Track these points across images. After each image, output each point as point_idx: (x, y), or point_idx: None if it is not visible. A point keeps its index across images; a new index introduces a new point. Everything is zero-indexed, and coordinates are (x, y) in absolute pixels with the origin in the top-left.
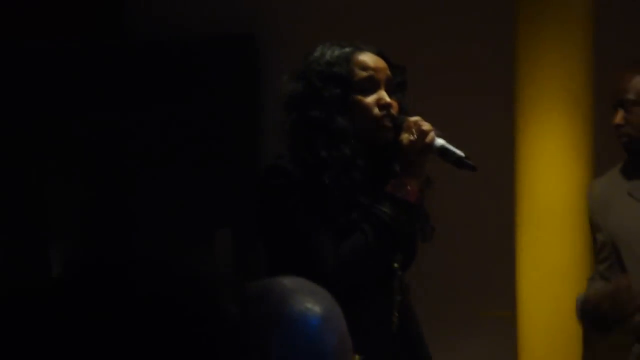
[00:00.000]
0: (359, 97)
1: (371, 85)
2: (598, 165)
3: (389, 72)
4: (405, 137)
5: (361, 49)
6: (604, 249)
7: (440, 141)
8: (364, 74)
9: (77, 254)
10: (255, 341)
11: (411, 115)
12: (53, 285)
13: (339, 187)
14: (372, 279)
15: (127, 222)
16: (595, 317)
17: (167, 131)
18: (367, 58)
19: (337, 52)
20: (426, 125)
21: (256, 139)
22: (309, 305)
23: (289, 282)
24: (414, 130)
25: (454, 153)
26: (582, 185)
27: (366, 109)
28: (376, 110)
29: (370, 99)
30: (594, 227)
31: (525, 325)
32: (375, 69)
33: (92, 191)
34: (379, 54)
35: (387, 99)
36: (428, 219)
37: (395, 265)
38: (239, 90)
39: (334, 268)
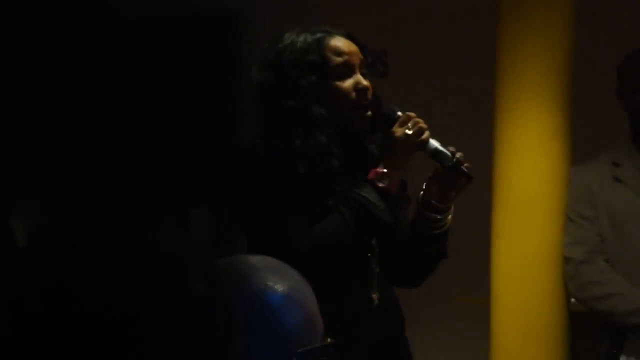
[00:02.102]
0: (336, 83)
1: (347, 71)
2: (576, 152)
3: (361, 56)
4: (400, 130)
5: (331, 34)
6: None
7: (434, 142)
8: (338, 59)
9: (44, 225)
10: (219, 318)
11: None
12: (18, 257)
13: (314, 176)
14: (348, 259)
15: (99, 195)
16: None
17: (147, 108)
18: (340, 43)
19: (309, 38)
20: (422, 123)
21: (236, 118)
22: (270, 282)
23: (254, 259)
24: (410, 125)
25: (450, 158)
26: (559, 173)
27: (344, 94)
28: (354, 95)
29: (347, 84)
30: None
31: (499, 312)
32: (349, 54)
33: (64, 164)
34: (349, 37)
35: (364, 82)
36: (405, 187)
37: (373, 242)
38: (220, 69)
39: (307, 248)
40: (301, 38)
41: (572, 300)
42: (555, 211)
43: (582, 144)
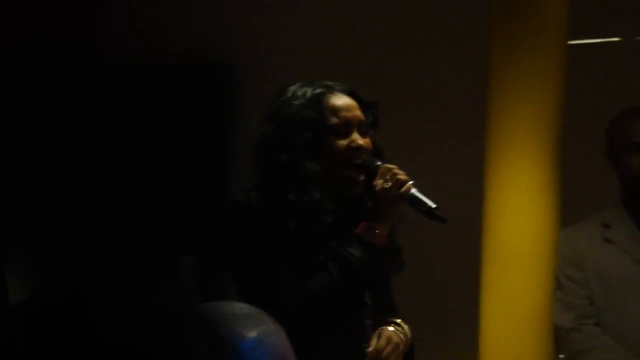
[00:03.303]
0: (330, 141)
1: (343, 130)
2: (565, 209)
3: (360, 114)
4: (379, 183)
5: (332, 91)
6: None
7: (415, 193)
8: (335, 119)
9: (45, 284)
10: None
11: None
12: (18, 311)
13: (305, 232)
14: (338, 315)
15: (93, 249)
16: None
17: (136, 157)
18: (339, 101)
19: (308, 94)
20: (402, 175)
21: (226, 168)
22: (238, 328)
23: (224, 306)
24: (388, 177)
25: (425, 203)
26: (548, 228)
27: (337, 153)
28: (347, 155)
29: (341, 143)
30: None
31: None
32: (347, 113)
33: (57, 215)
34: (350, 93)
35: (360, 142)
36: (399, 252)
37: (366, 299)
38: (211, 119)
39: (295, 307)
40: (301, 92)
41: (561, 356)
42: (544, 267)
43: (572, 203)
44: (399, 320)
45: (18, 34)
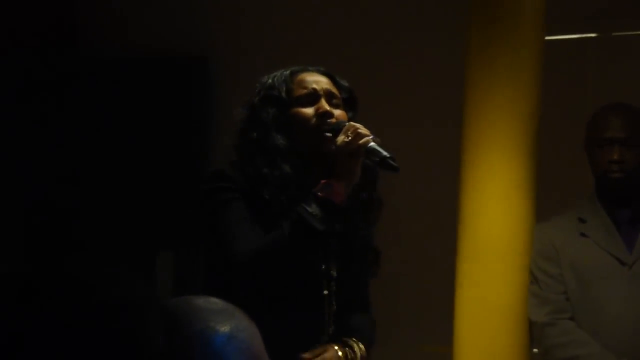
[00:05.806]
0: (296, 109)
1: (310, 99)
2: (540, 204)
3: (330, 87)
4: (341, 138)
5: (305, 70)
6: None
7: (372, 145)
8: (302, 90)
9: (3, 272)
10: None
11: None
12: None
13: (278, 201)
14: (293, 279)
15: (65, 240)
16: None
17: (115, 150)
18: (309, 77)
19: (280, 74)
20: (363, 130)
21: (205, 163)
22: (212, 323)
23: (198, 300)
24: (349, 132)
25: (379, 152)
26: (524, 224)
27: (303, 119)
28: (314, 120)
29: (308, 110)
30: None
31: None
32: (313, 85)
33: (30, 204)
34: (325, 73)
35: (326, 107)
36: (379, 256)
37: (332, 272)
38: (190, 113)
39: (247, 258)
40: (275, 74)
41: (535, 350)
42: (518, 261)
43: (547, 198)
44: (352, 341)
45: None
